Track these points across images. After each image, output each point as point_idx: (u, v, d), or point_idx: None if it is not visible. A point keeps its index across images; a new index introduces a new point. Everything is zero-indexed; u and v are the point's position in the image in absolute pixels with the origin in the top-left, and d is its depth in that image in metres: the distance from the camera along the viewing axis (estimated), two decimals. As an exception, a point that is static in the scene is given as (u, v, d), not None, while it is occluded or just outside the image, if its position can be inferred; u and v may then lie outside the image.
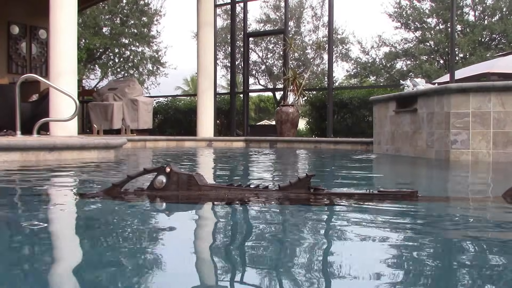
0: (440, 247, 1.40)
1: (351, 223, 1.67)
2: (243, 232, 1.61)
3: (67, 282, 1.08)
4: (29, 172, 3.67)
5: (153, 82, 25.47)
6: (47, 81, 6.70)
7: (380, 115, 7.17)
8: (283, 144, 9.49)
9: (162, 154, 6.99)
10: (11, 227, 1.68)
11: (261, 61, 25.13)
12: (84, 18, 21.11)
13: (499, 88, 5.09)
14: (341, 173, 4.10)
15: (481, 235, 1.58)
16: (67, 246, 1.43)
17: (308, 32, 24.55)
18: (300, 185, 2.04)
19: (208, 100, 10.77)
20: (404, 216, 1.86)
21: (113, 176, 3.38)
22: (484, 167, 4.66)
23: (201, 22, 10.76)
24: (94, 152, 4.99)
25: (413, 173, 4.45)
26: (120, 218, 1.82)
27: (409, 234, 1.54)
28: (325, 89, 11.44)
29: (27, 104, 8.52)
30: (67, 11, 7.32)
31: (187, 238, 1.50)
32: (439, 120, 5.48)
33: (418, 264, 1.19)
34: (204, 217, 1.90)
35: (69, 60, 7.32)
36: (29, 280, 1.06)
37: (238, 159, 6.37)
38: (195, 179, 2.08)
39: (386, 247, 1.36)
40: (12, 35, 11.85)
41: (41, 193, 2.53)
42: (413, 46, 23.96)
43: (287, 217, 1.83)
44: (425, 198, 2.13)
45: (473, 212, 2.05)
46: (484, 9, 23.19)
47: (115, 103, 10.69)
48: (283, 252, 1.31)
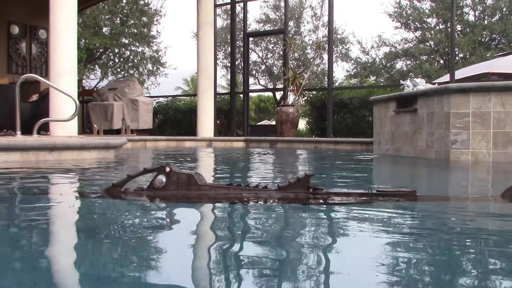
0: (436, 246, 1.41)
1: (350, 222, 1.68)
2: (241, 231, 1.61)
3: (67, 280, 1.09)
4: (29, 172, 3.67)
5: (153, 82, 25.51)
6: (47, 81, 6.70)
7: (380, 115, 7.17)
8: (283, 144, 9.49)
9: (162, 154, 6.99)
10: (11, 227, 1.69)
11: (261, 61, 25.14)
12: (84, 18, 21.11)
13: (499, 88, 5.09)
14: (341, 173, 4.10)
15: (477, 234, 1.59)
16: (67, 245, 1.43)
17: (308, 32, 24.59)
18: (299, 185, 2.05)
19: (208, 100, 10.77)
20: (402, 215, 1.86)
21: (113, 176, 3.38)
22: (484, 167, 4.66)
23: (201, 22, 10.76)
24: (94, 152, 4.99)
25: (413, 173, 4.45)
26: (120, 217, 1.83)
27: (407, 233, 1.55)
28: (325, 89, 11.44)
29: (27, 104, 8.52)
30: (67, 11, 7.32)
31: (185, 237, 1.50)
32: (439, 120, 5.48)
33: (415, 262, 1.20)
34: (202, 216, 1.91)
35: (69, 60, 7.33)
36: (29, 280, 1.06)
37: (238, 159, 6.38)
38: (194, 178, 2.08)
39: (383, 246, 1.37)
40: (12, 35, 11.85)
41: (41, 192, 2.53)
42: (413, 46, 23.97)
43: (285, 216, 1.84)
44: (424, 197, 2.13)
45: (471, 211, 2.05)
46: (484, 9, 23.19)
47: (115, 103, 10.69)
48: (281, 251, 1.31)
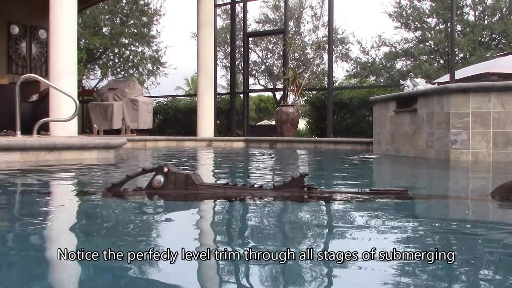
0: (425, 241, 1.44)
1: (342, 220, 1.73)
2: (237, 228, 1.64)
3: (67, 278, 1.09)
4: (29, 172, 3.67)
5: (153, 82, 25.49)
6: (47, 81, 6.70)
7: (380, 115, 7.17)
8: (283, 144, 9.49)
9: (162, 154, 6.99)
10: (11, 226, 1.69)
11: (261, 61, 25.13)
12: (84, 18, 21.11)
13: (499, 88, 5.09)
14: (341, 174, 4.10)
15: (463, 230, 1.64)
16: (67, 244, 1.43)
17: (308, 32, 24.57)
18: (294, 184, 2.10)
19: (208, 100, 10.77)
20: (393, 213, 1.92)
21: (113, 176, 3.38)
22: (484, 167, 4.66)
23: (201, 22, 10.76)
24: (94, 152, 5.00)
25: (413, 174, 4.46)
26: (119, 216, 1.86)
27: (397, 230, 1.59)
28: (325, 89, 11.44)
29: (27, 104, 8.52)
30: (67, 11, 7.32)
31: (183, 235, 1.52)
32: (439, 120, 5.48)
33: (406, 258, 1.22)
34: (198, 214, 1.95)
35: (69, 60, 7.32)
36: (29, 279, 1.06)
37: (237, 159, 6.38)
38: (192, 178, 2.13)
39: (374, 242, 1.40)
40: (12, 35, 11.85)
41: (41, 192, 2.53)
42: (413, 46, 23.96)
43: (280, 214, 1.89)
44: (415, 196, 2.19)
45: (460, 209, 2.11)
46: (484, 9, 23.18)
47: (115, 103, 10.70)
48: (276, 247, 1.32)
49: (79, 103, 8.04)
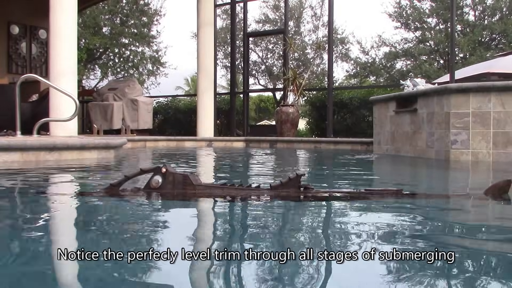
0: (420, 240, 1.45)
1: (338, 220, 1.76)
2: (234, 228, 1.65)
3: (67, 278, 1.09)
4: (29, 172, 3.67)
5: (153, 82, 25.48)
6: (47, 81, 6.70)
7: (380, 115, 7.17)
8: (283, 144, 9.49)
9: (162, 154, 6.99)
10: (11, 226, 1.69)
11: (261, 61, 25.13)
12: (84, 18, 21.11)
13: (499, 88, 5.09)
14: (341, 174, 4.10)
15: (458, 229, 1.65)
16: (67, 244, 1.43)
17: (308, 32, 24.57)
18: (291, 184, 2.12)
19: (208, 100, 10.77)
20: (388, 212, 1.95)
21: (113, 176, 3.38)
22: (484, 167, 4.66)
23: (201, 22, 10.76)
24: (94, 152, 5.00)
25: (413, 174, 4.46)
26: (117, 216, 1.87)
27: (392, 228, 1.60)
28: (325, 89, 11.44)
29: (27, 104, 8.52)
30: (67, 11, 7.32)
31: (182, 235, 1.52)
32: (439, 120, 5.48)
33: (398, 257, 1.21)
34: (197, 214, 1.96)
35: (69, 60, 7.32)
36: (29, 279, 1.06)
37: (237, 159, 6.38)
38: (190, 179, 2.14)
39: (370, 242, 1.40)
40: (12, 35, 11.85)
41: (41, 192, 2.53)
42: (413, 46, 23.95)
43: (276, 213, 1.93)
44: (410, 195, 2.21)
45: (453, 208, 2.13)
46: (484, 9, 23.17)
47: (115, 103, 10.69)
48: (273, 246, 1.32)
49: (79, 103, 8.04)
